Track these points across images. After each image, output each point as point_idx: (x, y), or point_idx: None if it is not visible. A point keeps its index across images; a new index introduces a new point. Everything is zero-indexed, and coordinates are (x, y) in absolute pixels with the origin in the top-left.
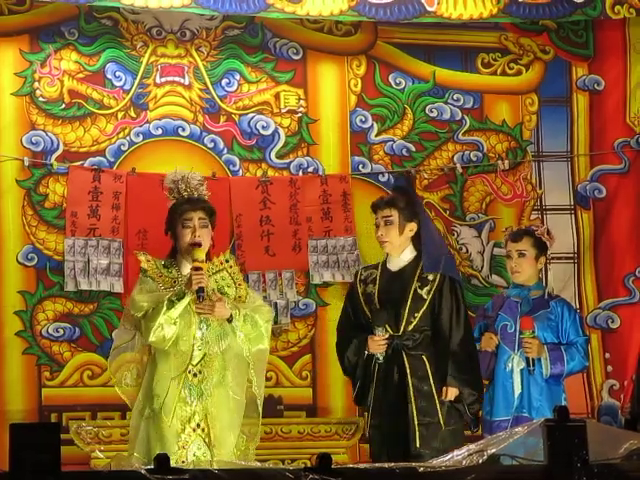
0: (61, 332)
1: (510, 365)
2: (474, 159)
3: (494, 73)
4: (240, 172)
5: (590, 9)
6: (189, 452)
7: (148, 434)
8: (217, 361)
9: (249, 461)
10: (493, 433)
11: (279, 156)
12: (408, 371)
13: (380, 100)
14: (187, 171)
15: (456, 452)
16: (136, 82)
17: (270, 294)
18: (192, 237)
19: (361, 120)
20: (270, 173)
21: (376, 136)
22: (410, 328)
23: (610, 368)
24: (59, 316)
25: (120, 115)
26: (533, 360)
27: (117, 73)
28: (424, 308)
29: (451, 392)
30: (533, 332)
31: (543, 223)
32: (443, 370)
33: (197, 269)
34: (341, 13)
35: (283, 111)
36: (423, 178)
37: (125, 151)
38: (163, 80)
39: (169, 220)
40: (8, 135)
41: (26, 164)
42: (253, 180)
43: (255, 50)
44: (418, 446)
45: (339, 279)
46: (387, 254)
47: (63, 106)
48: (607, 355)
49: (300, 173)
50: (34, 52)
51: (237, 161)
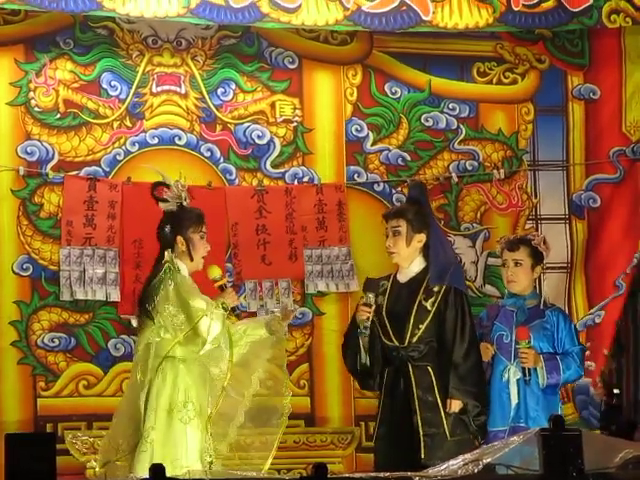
0: (57, 342)
1: (506, 375)
2: (470, 168)
3: (490, 82)
4: (236, 181)
5: (586, 18)
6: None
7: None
8: None
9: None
10: (490, 443)
11: (274, 165)
12: (413, 382)
13: (376, 109)
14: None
15: (452, 461)
16: (132, 91)
17: (267, 303)
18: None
19: (357, 129)
20: (266, 182)
21: (372, 145)
22: (415, 340)
23: (588, 352)
24: (54, 326)
25: (116, 124)
26: (529, 370)
27: (113, 82)
28: (428, 320)
29: (454, 404)
30: (529, 342)
31: (538, 232)
32: (447, 382)
33: (222, 288)
34: (336, 23)
35: (279, 120)
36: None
37: (121, 160)
38: (159, 89)
39: (178, 223)
40: (3, 145)
41: (21, 174)
42: (249, 189)
43: (251, 59)
44: (423, 457)
45: (333, 289)
46: (398, 265)
47: (58, 116)
48: (587, 344)
49: (295, 182)
50: (29, 62)
51: (233, 170)
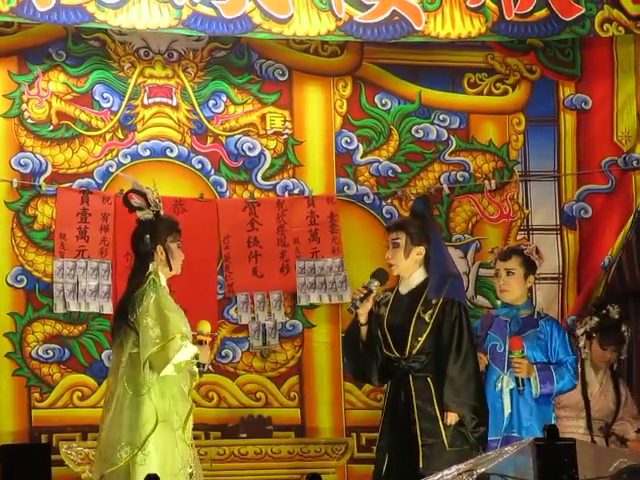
0: (51, 353)
1: (500, 385)
2: (460, 179)
3: (480, 93)
4: (227, 193)
5: (579, 27)
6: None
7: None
8: None
9: None
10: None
11: (265, 177)
12: (413, 393)
13: (366, 121)
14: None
15: (446, 471)
16: (124, 103)
17: (258, 315)
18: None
19: (346, 141)
20: (256, 194)
21: (362, 157)
22: (415, 351)
23: None
24: (48, 338)
25: (108, 136)
26: (523, 380)
27: (105, 94)
28: (427, 332)
29: (451, 417)
30: (522, 352)
31: (530, 243)
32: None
33: (201, 342)
34: (328, 33)
35: (269, 133)
36: (409, 199)
37: (113, 172)
38: (151, 101)
39: (156, 232)
40: None
41: (15, 186)
42: (240, 202)
43: (241, 71)
44: (422, 467)
45: (326, 300)
46: (399, 277)
47: (51, 127)
48: None
49: (286, 194)
50: (22, 74)
51: (224, 182)
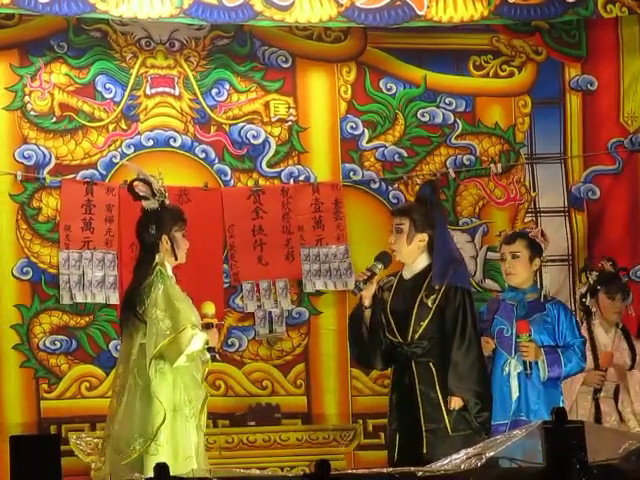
0: (58, 345)
1: (507, 369)
2: (467, 163)
3: (486, 75)
4: (232, 182)
5: (582, 9)
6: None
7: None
8: None
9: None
10: (491, 437)
11: (270, 165)
12: (416, 378)
13: (371, 106)
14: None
15: (454, 456)
16: (126, 94)
17: (264, 303)
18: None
19: (352, 127)
20: (261, 182)
21: (367, 143)
22: (417, 336)
23: None
24: (55, 329)
25: (111, 127)
26: (530, 363)
27: (107, 85)
28: (429, 317)
29: (455, 401)
30: (530, 336)
31: (537, 226)
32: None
33: (208, 326)
34: (330, 19)
35: (273, 120)
36: (415, 184)
37: (117, 163)
38: (153, 91)
39: (162, 222)
40: (0, 149)
41: (19, 178)
42: (245, 190)
43: (244, 59)
44: (425, 452)
45: (331, 287)
46: (403, 262)
47: (54, 119)
48: None
49: (291, 181)
50: (24, 66)
51: (228, 171)
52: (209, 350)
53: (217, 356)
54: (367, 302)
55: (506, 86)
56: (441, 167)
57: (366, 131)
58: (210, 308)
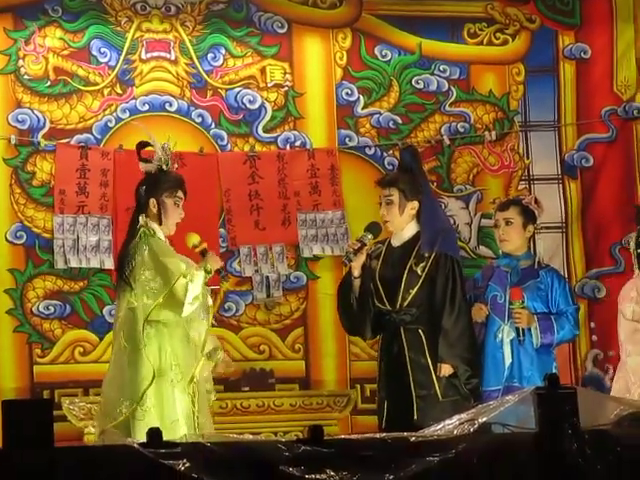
0: (52, 309)
1: (500, 335)
2: (461, 130)
3: (480, 43)
4: (228, 147)
5: None
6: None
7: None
8: None
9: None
10: (483, 403)
11: (266, 130)
12: (405, 345)
13: (366, 73)
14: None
15: (447, 421)
16: (121, 58)
17: (261, 268)
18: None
19: (347, 93)
20: (258, 147)
21: (362, 109)
22: (406, 304)
23: (595, 338)
24: (49, 294)
25: (106, 92)
26: (523, 330)
27: (102, 49)
28: (418, 285)
29: (445, 368)
30: (523, 302)
31: (531, 193)
32: (438, 346)
33: (203, 253)
34: None
35: (269, 85)
36: None
37: (112, 128)
38: (149, 56)
39: (153, 186)
40: None
41: (13, 142)
42: (241, 155)
43: (240, 24)
44: (416, 418)
45: (328, 253)
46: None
47: (48, 83)
48: (592, 325)
49: (287, 147)
50: (18, 30)
51: (225, 136)
52: (218, 272)
53: (214, 322)
54: (357, 272)
55: (500, 54)
56: (436, 134)
57: (361, 97)
58: (194, 238)
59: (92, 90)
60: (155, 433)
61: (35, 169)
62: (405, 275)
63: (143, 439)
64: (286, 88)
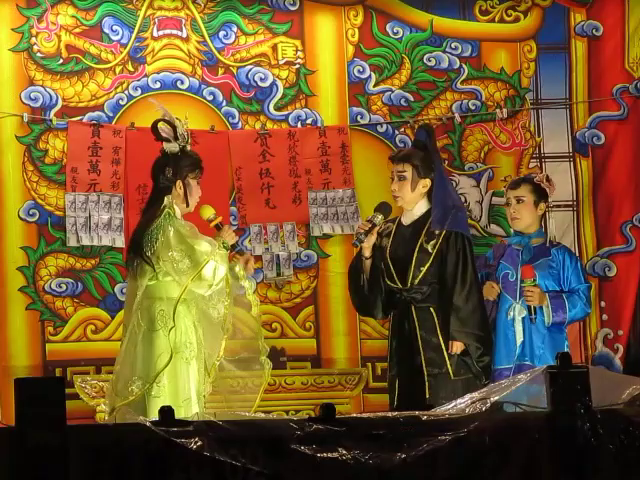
0: (64, 287)
1: (512, 314)
2: (472, 108)
3: (492, 20)
4: (239, 125)
5: None
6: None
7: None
8: None
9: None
10: (495, 382)
11: (277, 108)
12: (416, 323)
13: (378, 50)
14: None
15: (459, 400)
16: (133, 36)
17: (272, 246)
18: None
19: (359, 70)
20: (269, 125)
21: (374, 86)
22: (417, 282)
23: (605, 317)
24: (61, 271)
25: (118, 69)
26: (534, 308)
27: (114, 27)
28: (429, 262)
29: (456, 346)
30: (534, 281)
31: (542, 171)
32: (449, 324)
33: (218, 227)
34: None
35: (281, 63)
36: None
37: (124, 105)
38: (160, 33)
39: (178, 167)
40: (7, 91)
41: (25, 120)
42: (252, 133)
43: (251, 2)
44: (428, 397)
45: (338, 231)
46: (402, 208)
47: (61, 61)
48: (603, 304)
49: (299, 125)
50: (30, 7)
51: (236, 113)
52: (233, 247)
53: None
54: (367, 253)
55: (512, 31)
56: (447, 112)
57: (373, 75)
58: (209, 211)
59: (104, 68)
60: (167, 411)
61: (47, 147)
62: (416, 253)
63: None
64: (297, 66)
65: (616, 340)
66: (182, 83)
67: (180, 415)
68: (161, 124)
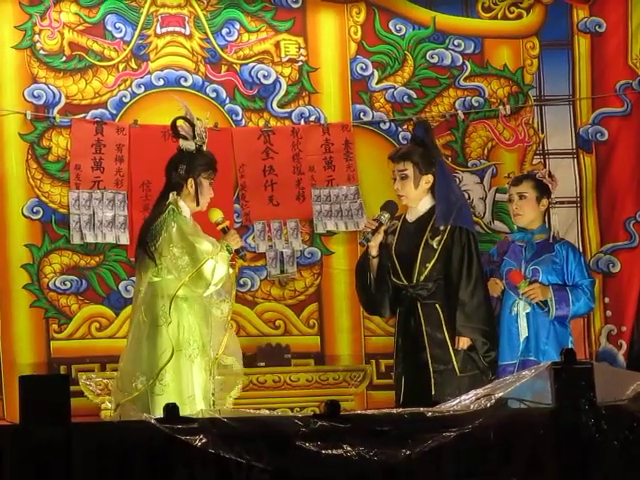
0: (68, 285)
1: (515, 309)
2: (475, 105)
3: (495, 17)
4: (243, 122)
5: None
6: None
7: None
8: None
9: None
10: (499, 378)
11: (281, 105)
12: (422, 320)
13: (380, 47)
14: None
15: (464, 397)
16: (136, 33)
17: (275, 243)
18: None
19: (361, 68)
20: (272, 123)
21: (377, 84)
22: (422, 278)
23: (609, 313)
24: (66, 269)
25: (121, 67)
26: (543, 302)
27: (117, 24)
28: (435, 258)
29: (463, 341)
30: (527, 281)
31: (545, 167)
32: (455, 319)
33: (224, 231)
34: None
35: (284, 60)
36: None
37: (127, 103)
38: (164, 30)
39: (192, 165)
40: (10, 89)
41: (28, 118)
42: (255, 130)
43: None
44: (434, 393)
45: (342, 228)
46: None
47: (64, 59)
48: (606, 300)
49: (302, 122)
50: (33, 5)
51: (239, 111)
52: (237, 252)
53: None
54: (374, 252)
55: (514, 28)
56: (450, 108)
57: (375, 72)
58: (217, 214)
59: (107, 65)
60: (172, 408)
61: (51, 144)
62: (421, 250)
63: (161, 414)
64: (300, 63)
65: (620, 336)
66: (185, 80)
67: (184, 412)
68: (180, 122)
